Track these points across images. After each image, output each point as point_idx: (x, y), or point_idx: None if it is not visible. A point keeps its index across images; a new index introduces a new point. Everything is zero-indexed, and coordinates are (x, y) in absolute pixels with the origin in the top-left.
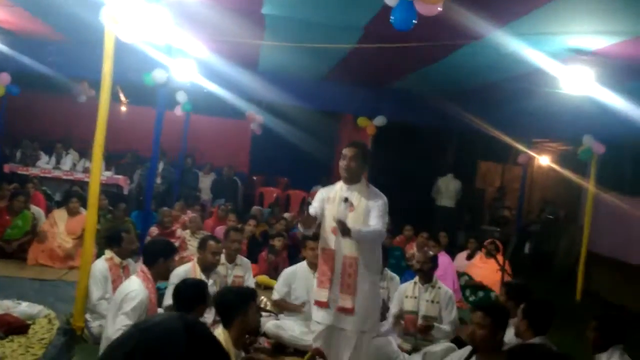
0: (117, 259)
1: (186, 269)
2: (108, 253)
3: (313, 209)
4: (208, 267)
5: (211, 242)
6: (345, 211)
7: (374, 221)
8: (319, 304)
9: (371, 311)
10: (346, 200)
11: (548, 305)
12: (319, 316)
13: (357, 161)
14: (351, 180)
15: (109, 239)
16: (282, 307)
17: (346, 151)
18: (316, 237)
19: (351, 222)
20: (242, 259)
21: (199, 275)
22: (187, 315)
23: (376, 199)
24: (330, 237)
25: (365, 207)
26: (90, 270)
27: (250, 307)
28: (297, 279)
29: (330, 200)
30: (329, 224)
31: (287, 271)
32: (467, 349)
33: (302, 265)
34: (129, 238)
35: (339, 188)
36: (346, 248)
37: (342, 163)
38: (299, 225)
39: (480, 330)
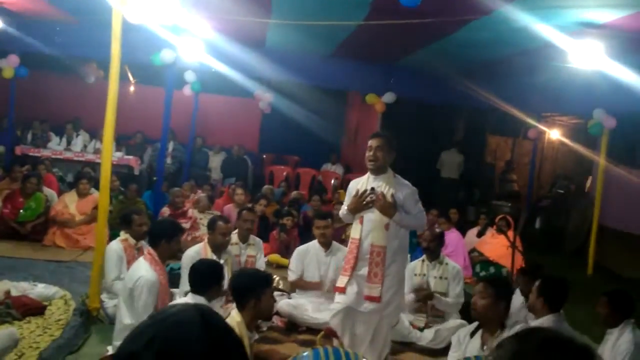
0: (131, 240)
1: (197, 250)
2: (123, 234)
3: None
4: (218, 248)
5: (220, 223)
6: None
7: (415, 210)
8: (337, 289)
9: (395, 297)
10: (373, 189)
11: (563, 282)
12: (340, 297)
13: (383, 151)
14: (377, 170)
15: (121, 221)
16: (301, 286)
17: (371, 142)
18: (324, 216)
19: (377, 212)
20: (255, 239)
21: (210, 255)
22: (203, 306)
23: (405, 188)
24: (356, 227)
25: (392, 197)
26: (106, 251)
27: (264, 293)
28: (309, 257)
29: (359, 193)
30: (357, 214)
31: (300, 250)
32: (475, 324)
33: (314, 244)
34: (140, 219)
35: (366, 179)
36: (374, 237)
37: (368, 154)
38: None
39: (482, 300)
